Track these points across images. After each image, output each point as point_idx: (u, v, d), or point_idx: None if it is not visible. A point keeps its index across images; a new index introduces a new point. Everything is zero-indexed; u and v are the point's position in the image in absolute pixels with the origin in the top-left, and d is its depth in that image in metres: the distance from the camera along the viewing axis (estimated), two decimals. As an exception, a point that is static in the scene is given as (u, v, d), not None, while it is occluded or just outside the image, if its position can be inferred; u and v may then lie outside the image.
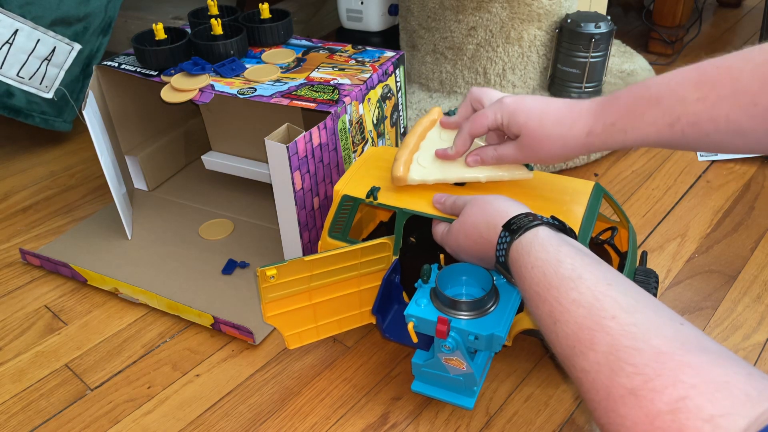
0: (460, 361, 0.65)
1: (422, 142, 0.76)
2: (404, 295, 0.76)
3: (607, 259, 0.78)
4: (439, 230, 0.70)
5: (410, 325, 0.65)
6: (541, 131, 0.64)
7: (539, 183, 0.74)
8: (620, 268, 0.74)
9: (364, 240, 0.80)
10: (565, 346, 0.45)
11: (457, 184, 0.74)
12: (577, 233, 0.66)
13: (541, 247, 0.53)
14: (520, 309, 0.70)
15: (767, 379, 0.36)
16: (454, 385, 0.68)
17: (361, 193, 0.75)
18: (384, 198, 0.74)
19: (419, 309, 0.65)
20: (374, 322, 0.76)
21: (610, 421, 0.40)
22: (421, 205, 0.73)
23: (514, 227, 0.56)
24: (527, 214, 0.57)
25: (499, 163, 0.71)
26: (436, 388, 0.70)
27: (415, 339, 0.66)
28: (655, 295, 0.70)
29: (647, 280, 0.71)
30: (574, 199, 0.71)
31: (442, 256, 0.71)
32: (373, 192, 0.74)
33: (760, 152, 0.56)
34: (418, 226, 0.78)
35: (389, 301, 0.73)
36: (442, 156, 0.73)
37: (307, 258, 0.67)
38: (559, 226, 0.57)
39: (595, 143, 0.62)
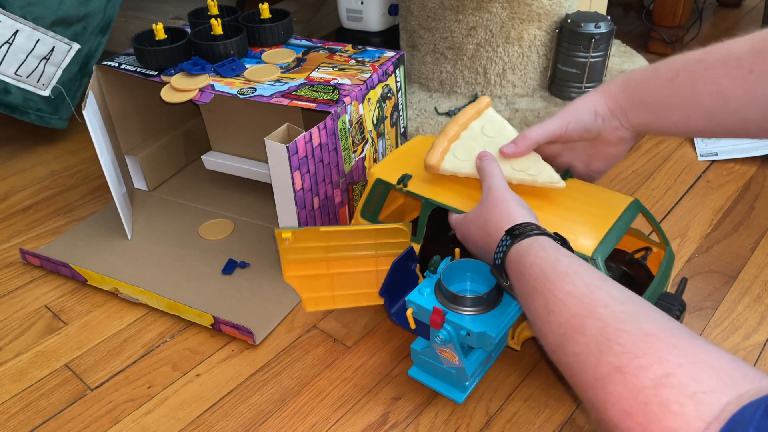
0: (453, 355, 0.66)
1: (464, 131, 0.75)
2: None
3: (637, 280, 0.76)
4: (454, 216, 0.71)
5: (409, 311, 0.67)
6: (575, 100, 0.71)
7: (574, 191, 0.73)
8: (647, 290, 0.70)
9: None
10: (557, 334, 0.46)
11: None
12: (594, 246, 0.65)
13: (540, 248, 0.54)
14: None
15: (751, 367, 0.37)
16: (447, 377, 0.70)
17: (394, 178, 0.77)
18: (413, 186, 0.76)
19: (420, 297, 0.67)
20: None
21: (599, 399, 0.40)
22: (447, 197, 0.73)
23: (516, 233, 0.57)
24: (531, 224, 0.58)
25: (540, 136, 0.70)
26: (431, 377, 0.71)
27: (413, 325, 0.68)
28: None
29: (669, 307, 0.67)
30: (604, 212, 0.70)
31: (457, 250, 0.72)
32: (404, 179, 0.76)
33: (740, 130, 0.61)
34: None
35: (404, 287, 0.74)
36: (509, 151, 0.73)
37: (322, 228, 0.72)
38: (560, 240, 0.58)
39: (613, 93, 0.68)
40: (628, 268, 0.75)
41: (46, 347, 0.81)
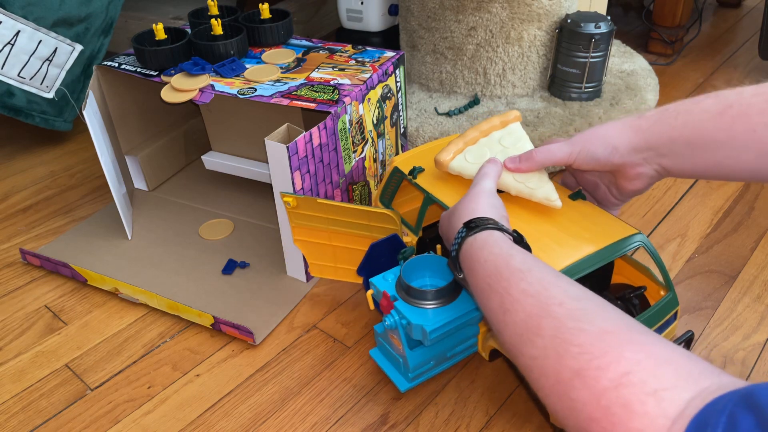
0: (399, 342, 0.68)
1: (483, 138, 0.76)
2: None
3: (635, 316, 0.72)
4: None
5: (369, 292, 0.71)
6: (596, 127, 0.66)
7: (575, 212, 0.70)
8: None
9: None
10: (514, 335, 0.46)
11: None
12: (564, 266, 0.63)
13: (495, 244, 0.54)
14: None
15: (708, 363, 0.37)
16: (395, 363, 0.72)
17: (408, 169, 0.80)
18: (422, 180, 0.78)
19: (382, 282, 0.70)
20: None
21: (564, 406, 0.40)
22: (448, 195, 0.74)
23: (472, 225, 0.57)
24: (490, 219, 0.57)
25: (545, 159, 0.68)
26: (385, 360, 0.74)
27: (371, 306, 0.73)
28: None
29: None
30: (594, 237, 0.66)
31: (438, 246, 0.75)
32: (414, 171, 0.79)
33: None
34: None
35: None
36: (511, 165, 0.71)
37: (319, 200, 0.77)
38: (516, 238, 0.57)
39: (644, 126, 0.62)
40: (621, 303, 0.72)
41: (46, 347, 0.81)
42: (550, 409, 0.42)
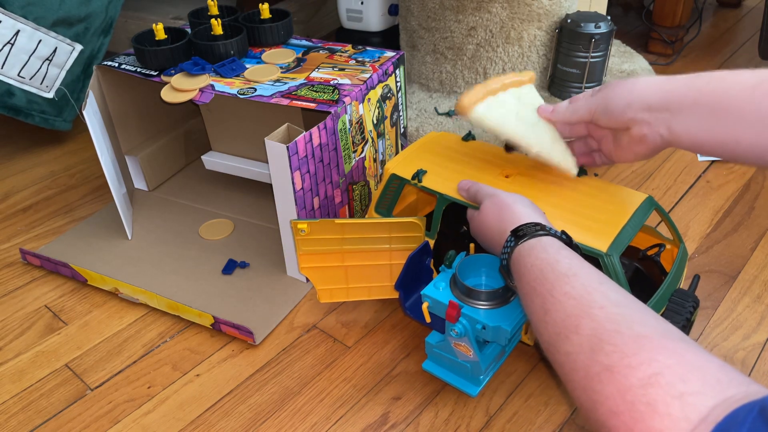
0: (468, 348, 0.67)
1: (502, 93, 0.73)
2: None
3: (650, 277, 0.75)
4: (470, 210, 0.71)
5: (425, 305, 0.68)
6: (624, 80, 0.64)
7: (589, 187, 0.73)
8: (661, 287, 0.70)
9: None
10: (552, 333, 0.47)
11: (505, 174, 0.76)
12: (609, 243, 0.65)
13: (542, 249, 0.54)
14: None
15: (739, 372, 0.37)
16: (461, 370, 0.70)
17: (408, 174, 0.78)
18: (428, 182, 0.77)
19: (436, 291, 0.68)
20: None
21: (588, 398, 0.40)
22: None
23: (521, 234, 0.58)
24: (536, 224, 0.58)
25: (571, 116, 0.68)
26: (445, 370, 0.72)
27: (428, 319, 0.69)
28: (688, 320, 0.66)
29: (683, 303, 0.66)
30: (619, 208, 0.70)
31: (472, 245, 0.73)
32: (418, 174, 0.77)
33: None
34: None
35: (418, 281, 0.75)
36: (544, 113, 0.72)
37: (338, 221, 0.74)
38: (566, 240, 0.58)
39: (668, 87, 0.59)
40: (642, 264, 0.75)
41: (46, 347, 0.81)
42: (575, 402, 0.43)
